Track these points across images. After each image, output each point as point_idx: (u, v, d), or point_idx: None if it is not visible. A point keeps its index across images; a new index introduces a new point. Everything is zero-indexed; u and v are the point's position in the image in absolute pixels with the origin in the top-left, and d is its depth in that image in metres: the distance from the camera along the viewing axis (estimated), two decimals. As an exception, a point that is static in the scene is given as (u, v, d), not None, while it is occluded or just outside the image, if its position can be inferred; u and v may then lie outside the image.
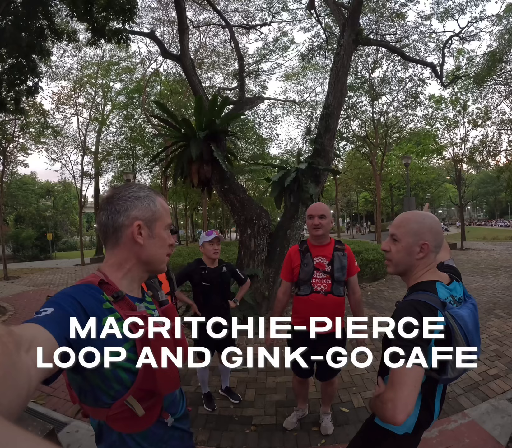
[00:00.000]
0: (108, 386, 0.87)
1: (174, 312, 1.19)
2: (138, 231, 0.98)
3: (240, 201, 5.78)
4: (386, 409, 1.09)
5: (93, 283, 0.91)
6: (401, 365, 1.10)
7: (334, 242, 2.56)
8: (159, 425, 1.01)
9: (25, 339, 0.61)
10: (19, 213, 32.15)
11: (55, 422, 2.85)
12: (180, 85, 17.99)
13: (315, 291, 2.44)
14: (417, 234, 1.31)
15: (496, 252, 15.37)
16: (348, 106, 17.71)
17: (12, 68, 6.62)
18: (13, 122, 14.93)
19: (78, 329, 0.77)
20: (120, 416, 0.90)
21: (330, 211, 2.52)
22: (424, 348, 1.13)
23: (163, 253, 1.06)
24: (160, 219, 1.03)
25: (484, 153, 19.84)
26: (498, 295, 7.16)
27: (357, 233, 40.67)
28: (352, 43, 6.84)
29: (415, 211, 1.42)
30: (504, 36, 14.28)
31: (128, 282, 1.01)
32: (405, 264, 1.36)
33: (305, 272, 2.47)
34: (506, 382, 3.48)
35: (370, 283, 8.96)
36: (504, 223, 47.95)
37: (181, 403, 1.15)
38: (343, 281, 2.48)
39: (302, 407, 3.04)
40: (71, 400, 0.96)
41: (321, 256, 2.48)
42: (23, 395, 0.54)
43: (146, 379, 0.89)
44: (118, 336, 0.86)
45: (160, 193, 1.10)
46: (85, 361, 0.79)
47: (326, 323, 2.28)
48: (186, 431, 1.14)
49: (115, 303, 0.90)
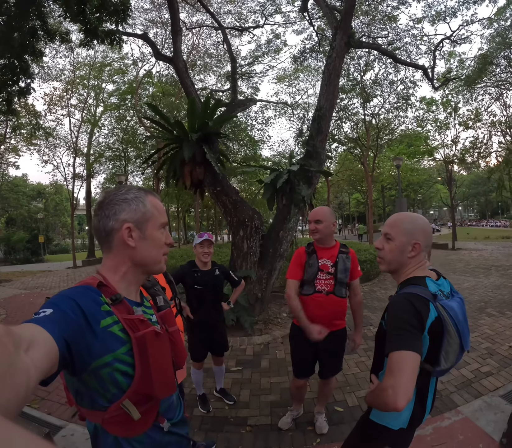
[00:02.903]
0: (105, 389, 0.87)
1: (172, 317, 1.19)
2: (129, 234, 0.97)
3: (232, 202, 5.78)
4: (387, 396, 1.11)
5: (92, 285, 0.91)
6: (398, 353, 1.15)
7: (339, 245, 2.63)
8: (156, 429, 1.00)
9: (24, 339, 0.62)
10: (10, 216, 31.85)
11: (50, 425, 2.83)
12: (172, 87, 17.97)
13: (318, 291, 2.51)
14: (411, 233, 1.38)
15: (487, 252, 15.55)
16: (340, 108, 17.83)
17: (4, 68, 6.55)
18: (4, 123, 14.80)
19: (76, 331, 0.77)
20: (116, 419, 0.90)
21: (329, 215, 2.54)
22: (419, 336, 1.19)
23: (158, 253, 1.04)
24: (151, 219, 1.02)
25: (474, 154, 20.16)
26: (489, 294, 7.26)
27: (350, 234, 40.82)
28: (344, 45, 6.88)
29: (407, 212, 1.50)
30: (495, 39, 14.54)
31: (126, 285, 1.01)
32: (398, 262, 1.43)
33: (309, 272, 2.53)
34: (498, 379, 3.53)
35: (363, 283, 9.00)
36: (495, 223, 48.51)
37: (179, 408, 1.15)
38: (345, 282, 2.54)
39: (297, 408, 3.06)
40: (68, 403, 0.96)
41: (326, 258, 2.54)
42: (21, 395, 0.54)
43: (142, 382, 0.89)
44: (115, 339, 0.87)
45: (153, 192, 1.08)
46: (82, 362, 0.79)
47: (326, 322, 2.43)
48: (184, 436, 1.13)
49: (113, 306, 0.91)
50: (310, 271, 2.52)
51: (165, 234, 1.07)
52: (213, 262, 3.16)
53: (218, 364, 3.36)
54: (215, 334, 3.13)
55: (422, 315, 1.21)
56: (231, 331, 4.68)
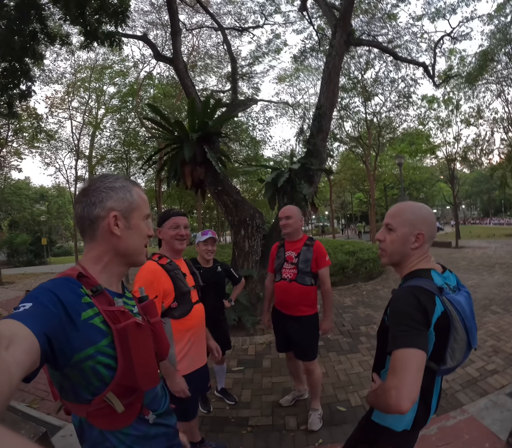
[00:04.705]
0: (88, 382, 0.85)
1: (154, 308, 1.17)
2: (115, 222, 0.96)
3: (233, 202, 5.76)
4: (390, 397, 1.04)
5: (72, 276, 0.89)
6: (402, 350, 1.08)
7: (306, 239, 2.93)
8: (141, 422, 0.99)
9: (3, 336, 0.60)
10: (13, 218, 31.99)
11: (49, 425, 2.81)
12: (173, 88, 17.98)
13: (283, 279, 2.88)
14: (413, 224, 1.31)
15: (490, 249, 15.45)
16: (341, 107, 17.82)
17: (5, 71, 6.58)
18: (6, 127, 14.86)
19: (56, 324, 0.76)
20: (100, 412, 0.89)
21: (296, 212, 2.87)
22: (424, 332, 1.12)
23: (141, 244, 1.04)
24: (137, 209, 1.01)
25: (477, 151, 20.05)
26: (493, 291, 7.20)
27: (353, 234, 40.69)
28: (343, 43, 6.86)
29: (410, 201, 1.41)
30: (496, 35, 14.45)
31: (108, 276, 0.99)
32: (400, 253, 1.35)
33: (277, 263, 2.97)
34: (504, 377, 3.48)
35: (366, 282, 8.97)
36: (498, 221, 48.27)
37: (164, 400, 1.13)
38: (308, 272, 2.81)
39: (299, 388, 3.30)
40: (53, 397, 0.94)
41: (291, 250, 2.90)
42: (4, 393, 0.53)
43: (125, 374, 0.88)
44: (97, 331, 0.85)
45: (138, 183, 1.08)
46: (64, 356, 0.78)
47: (290, 306, 2.86)
48: (171, 427, 1.12)
49: (93, 297, 0.88)
50: (277, 262, 2.96)
51: (148, 225, 1.06)
52: (215, 260, 3.20)
53: (219, 363, 3.34)
54: (217, 332, 3.10)
55: (428, 310, 1.12)
56: (232, 331, 4.65)
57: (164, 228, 2.09)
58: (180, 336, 1.98)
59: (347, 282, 8.67)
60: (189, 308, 2.03)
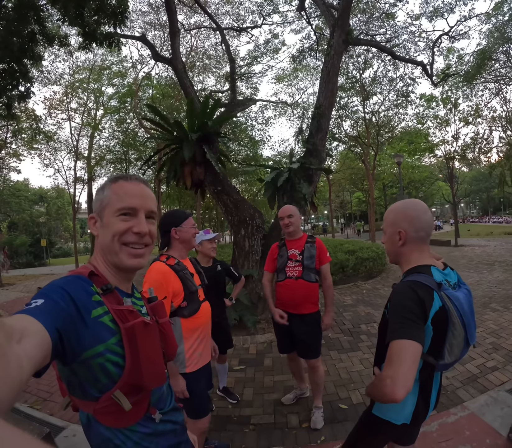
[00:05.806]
0: (96, 379, 0.87)
1: (162, 309, 1.18)
2: (93, 224, 1.00)
3: (233, 202, 5.77)
4: (385, 386, 1.08)
5: (83, 274, 0.91)
6: (399, 341, 1.12)
7: (306, 236, 2.97)
8: (148, 420, 1.00)
9: (16, 330, 0.61)
10: (13, 220, 31.99)
11: (52, 426, 2.82)
12: (172, 89, 17.99)
13: (288, 277, 2.88)
14: (394, 223, 1.39)
15: (490, 247, 15.45)
16: (340, 107, 17.83)
17: (3, 73, 6.58)
18: (5, 128, 14.85)
19: (67, 321, 0.77)
20: (107, 410, 0.90)
21: (296, 211, 2.92)
22: (421, 325, 1.15)
23: (112, 241, 0.97)
24: (108, 206, 0.96)
25: (475, 150, 20.06)
26: (493, 289, 7.21)
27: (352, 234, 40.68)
28: (342, 43, 6.87)
29: (398, 201, 1.46)
30: (493, 34, 14.47)
31: (111, 275, 1.00)
32: (394, 253, 1.43)
33: (280, 262, 2.95)
34: (504, 374, 3.50)
35: (365, 281, 8.97)
36: (497, 219, 48.35)
37: (170, 398, 1.15)
38: (313, 268, 2.84)
39: (300, 386, 3.29)
40: (61, 393, 0.96)
41: (294, 249, 2.91)
42: (15, 387, 0.53)
43: (132, 373, 0.89)
44: (106, 329, 0.87)
45: (126, 177, 1.01)
46: (73, 353, 0.79)
47: (297, 305, 2.79)
48: (178, 423, 1.13)
49: (103, 295, 0.90)
50: (281, 261, 2.94)
51: (132, 221, 0.97)
52: (214, 259, 3.23)
53: (221, 362, 3.36)
54: (218, 331, 3.12)
55: (426, 304, 1.16)
56: (233, 330, 4.67)
57: (185, 227, 2.12)
58: (190, 333, 2.02)
59: (347, 281, 8.68)
60: (198, 306, 2.07)
